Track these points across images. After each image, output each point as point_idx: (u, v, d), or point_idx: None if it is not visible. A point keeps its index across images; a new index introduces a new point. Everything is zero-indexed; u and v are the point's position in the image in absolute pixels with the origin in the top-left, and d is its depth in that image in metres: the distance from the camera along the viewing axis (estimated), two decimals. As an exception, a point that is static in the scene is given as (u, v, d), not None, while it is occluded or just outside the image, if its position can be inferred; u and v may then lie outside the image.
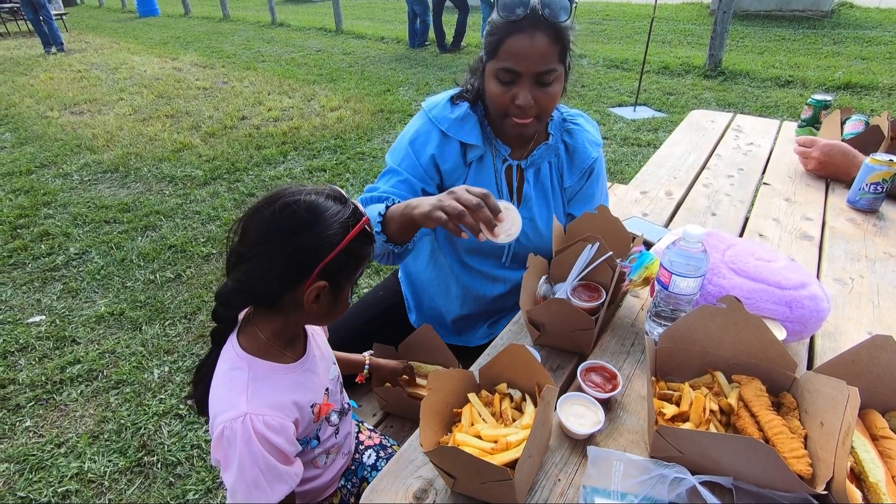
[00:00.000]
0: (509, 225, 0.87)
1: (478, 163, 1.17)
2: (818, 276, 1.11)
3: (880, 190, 1.31)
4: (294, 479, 0.75)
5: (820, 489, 0.60)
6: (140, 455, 1.72)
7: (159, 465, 1.68)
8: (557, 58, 1.01)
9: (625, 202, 1.45)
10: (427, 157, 1.15)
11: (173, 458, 1.70)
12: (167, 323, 2.36)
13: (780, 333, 0.80)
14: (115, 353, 2.17)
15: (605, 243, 0.99)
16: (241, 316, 0.83)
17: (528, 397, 0.75)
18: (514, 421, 0.72)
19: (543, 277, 1.00)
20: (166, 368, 2.09)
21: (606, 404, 0.81)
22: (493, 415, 0.73)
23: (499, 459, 0.64)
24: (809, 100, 1.77)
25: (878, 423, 0.68)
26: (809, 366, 0.89)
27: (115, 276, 2.71)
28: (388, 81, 6.22)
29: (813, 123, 1.79)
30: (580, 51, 6.95)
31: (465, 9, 7.27)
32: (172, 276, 2.70)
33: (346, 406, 0.96)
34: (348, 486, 0.99)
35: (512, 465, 0.63)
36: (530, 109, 1.03)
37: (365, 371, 1.13)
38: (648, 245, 1.21)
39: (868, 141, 1.51)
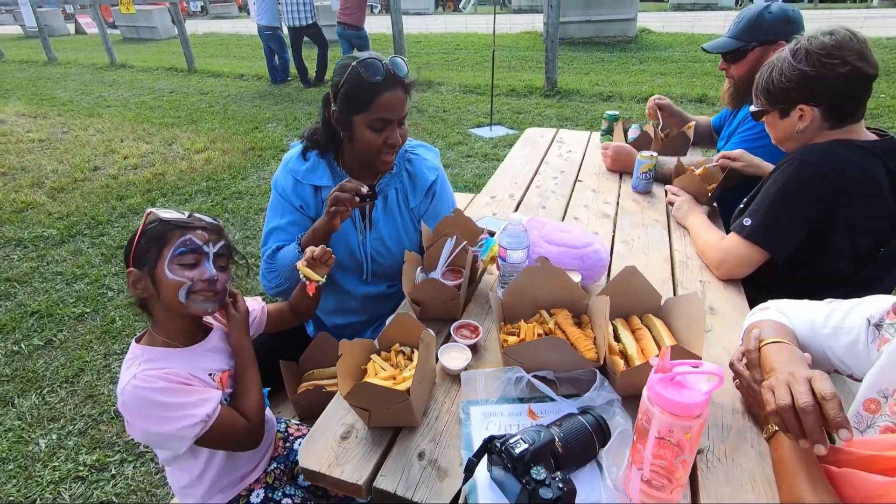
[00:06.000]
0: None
1: None
2: (613, 241, 1.55)
3: (649, 176, 1.82)
4: (201, 405, 0.92)
5: (599, 363, 0.95)
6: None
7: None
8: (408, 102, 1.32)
9: (479, 206, 1.81)
10: (294, 197, 1.40)
11: (84, 518, 1.66)
12: (45, 391, 2.22)
13: (576, 277, 1.17)
14: (-13, 431, 2.00)
15: (461, 236, 1.30)
16: None
17: (416, 351, 1.01)
18: (406, 367, 0.97)
19: (419, 268, 1.28)
20: (54, 436, 1.98)
21: (473, 348, 1.10)
22: (392, 367, 0.98)
23: (397, 388, 0.89)
24: (605, 115, 2.33)
25: (634, 323, 1.07)
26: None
27: (-33, 354, 2.45)
28: (254, 119, 6.20)
29: (609, 132, 2.34)
30: (439, 78, 7.68)
31: (325, 44, 7.53)
32: (42, 343, 2.52)
33: None
34: (281, 468, 1.15)
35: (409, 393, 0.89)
36: (398, 145, 1.31)
37: (302, 277, 1.15)
38: (492, 234, 1.56)
39: (642, 143, 2.06)
